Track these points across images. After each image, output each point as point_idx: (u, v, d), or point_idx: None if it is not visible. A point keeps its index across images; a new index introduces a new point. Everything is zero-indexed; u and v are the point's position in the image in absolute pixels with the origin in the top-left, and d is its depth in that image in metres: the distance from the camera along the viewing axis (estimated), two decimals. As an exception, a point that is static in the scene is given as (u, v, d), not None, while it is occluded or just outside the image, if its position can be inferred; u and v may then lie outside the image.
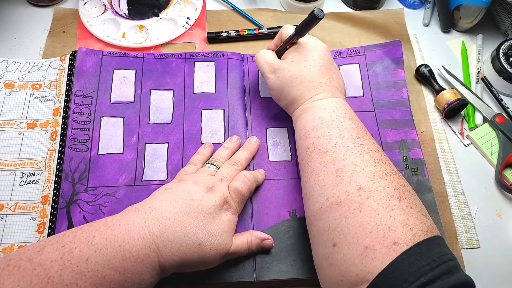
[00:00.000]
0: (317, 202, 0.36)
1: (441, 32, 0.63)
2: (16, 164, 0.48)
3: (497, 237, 0.48)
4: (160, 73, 0.54)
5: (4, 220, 0.44)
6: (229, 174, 0.43)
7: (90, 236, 0.33)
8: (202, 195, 0.39)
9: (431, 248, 0.30)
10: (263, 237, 0.43)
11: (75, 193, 0.45)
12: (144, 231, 0.34)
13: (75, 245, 0.32)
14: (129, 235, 0.34)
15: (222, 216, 0.39)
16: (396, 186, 0.34)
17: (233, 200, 0.41)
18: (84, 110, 0.50)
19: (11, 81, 0.53)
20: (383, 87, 0.55)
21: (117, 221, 0.35)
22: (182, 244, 0.35)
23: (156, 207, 0.37)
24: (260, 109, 0.53)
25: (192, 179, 0.41)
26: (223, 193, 0.40)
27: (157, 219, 0.35)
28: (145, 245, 0.34)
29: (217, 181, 0.42)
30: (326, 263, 0.34)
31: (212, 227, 0.38)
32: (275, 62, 0.46)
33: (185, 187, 0.39)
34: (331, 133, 0.38)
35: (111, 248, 0.33)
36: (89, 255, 0.32)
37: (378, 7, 0.64)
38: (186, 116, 0.51)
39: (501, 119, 0.53)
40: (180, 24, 0.60)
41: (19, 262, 0.31)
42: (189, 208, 0.37)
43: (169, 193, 0.39)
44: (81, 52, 0.54)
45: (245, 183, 0.43)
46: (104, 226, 0.34)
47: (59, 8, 0.61)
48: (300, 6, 0.62)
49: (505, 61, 0.55)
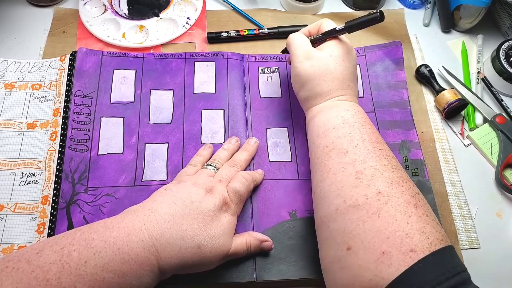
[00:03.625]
0: (332, 203, 0.36)
1: (441, 32, 0.63)
2: (16, 164, 0.48)
3: (497, 237, 0.48)
4: (160, 73, 0.54)
5: (4, 220, 0.44)
6: (228, 176, 0.43)
7: (89, 239, 0.33)
8: (202, 196, 0.39)
9: (446, 257, 0.30)
10: (262, 239, 0.43)
11: (75, 193, 0.45)
12: (144, 233, 0.34)
13: (74, 247, 0.32)
14: (128, 238, 0.33)
15: (222, 217, 0.39)
16: (412, 193, 0.34)
17: (232, 201, 0.41)
18: (84, 110, 0.50)
19: (11, 81, 0.53)
20: (384, 88, 0.55)
21: (116, 223, 0.35)
22: (182, 247, 0.35)
23: (156, 209, 0.37)
24: (260, 109, 0.53)
25: (191, 180, 0.41)
26: (222, 194, 0.40)
27: (156, 222, 0.35)
28: (144, 248, 0.34)
29: (216, 182, 0.42)
30: (338, 266, 0.34)
31: (211, 229, 0.37)
32: (312, 49, 0.44)
33: (184, 189, 0.39)
34: (353, 135, 0.38)
35: (110, 251, 0.32)
36: (88, 257, 0.32)
37: (379, 7, 0.64)
38: (186, 116, 0.51)
39: (501, 119, 0.53)
40: (180, 24, 0.60)
41: (17, 263, 0.31)
42: (188, 210, 0.37)
43: (169, 195, 0.39)
44: (81, 52, 0.54)
45: (243, 183, 0.43)
46: (103, 228, 0.34)
47: (59, 8, 0.61)
48: (300, 6, 0.62)
49: (506, 61, 0.55)
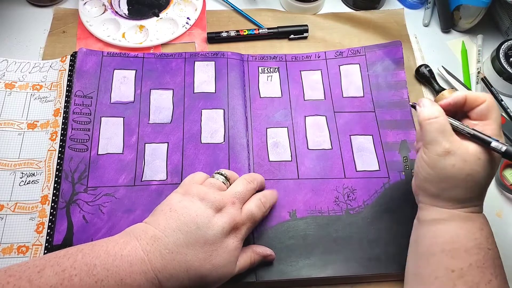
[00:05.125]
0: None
1: (441, 32, 0.63)
2: (16, 164, 0.48)
3: (497, 237, 0.47)
4: (160, 73, 0.54)
5: (4, 220, 0.44)
6: (244, 194, 0.39)
7: (91, 264, 0.32)
8: (209, 220, 0.36)
9: None
10: (265, 254, 0.42)
11: (75, 193, 0.45)
12: (146, 265, 0.33)
13: (75, 271, 0.31)
14: (131, 269, 0.33)
15: (229, 243, 0.37)
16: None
17: (244, 225, 0.38)
18: (84, 110, 0.50)
19: (12, 81, 0.53)
20: (383, 88, 0.55)
21: (119, 250, 0.33)
22: (184, 279, 0.34)
23: (159, 238, 0.34)
24: (260, 109, 0.53)
25: (199, 194, 0.38)
26: (233, 218, 0.37)
27: (159, 253, 0.34)
28: (147, 280, 0.33)
29: (228, 201, 0.38)
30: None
31: (217, 258, 0.36)
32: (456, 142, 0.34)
33: (190, 210, 0.36)
34: (486, 266, 0.33)
35: (112, 281, 0.32)
36: (90, 285, 0.31)
37: (378, 7, 0.64)
38: (186, 115, 0.51)
39: (501, 120, 0.53)
40: (180, 24, 0.60)
41: (18, 281, 0.30)
42: (194, 238, 0.35)
43: (174, 219, 0.36)
44: (81, 52, 0.54)
45: (259, 208, 0.40)
46: (105, 255, 0.33)
47: (59, 8, 0.61)
48: (300, 6, 0.62)
49: (505, 61, 0.55)
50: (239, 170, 0.47)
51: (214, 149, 0.49)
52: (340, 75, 0.55)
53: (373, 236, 0.45)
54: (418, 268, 0.37)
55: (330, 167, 0.49)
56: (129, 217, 0.45)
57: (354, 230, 0.45)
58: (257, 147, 0.50)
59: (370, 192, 0.48)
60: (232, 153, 0.49)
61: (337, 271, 0.43)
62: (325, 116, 0.52)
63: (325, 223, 0.45)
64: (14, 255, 0.43)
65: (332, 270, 0.43)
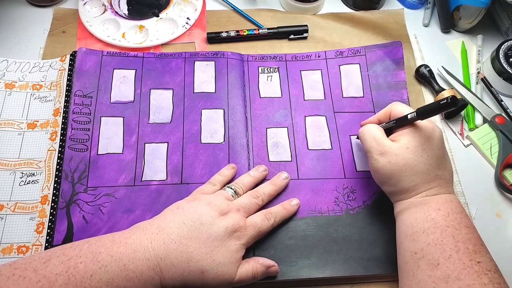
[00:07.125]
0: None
1: (441, 33, 0.63)
2: (16, 164, 0.47)
3: (497, 237, 0.48)
4: (160, 72, 0.54)
5: (4, 220, 0.44)
6: (247, 206, 0.41)
7: (96, 252, 0.33)
8: (213, 219, 0.38)
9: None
10: (268, 265, 0.41)
11: (75, 193, 0.45)
12: (150, 252, 0.34)
13: (81, 259, 0.33)
14: (134, 255, 0.34)
15: (231, 244, 0.38)
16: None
17: (248, 232, 0.40)
18: (84, 110, 0.50)
19: (12, 81, 0.53)
20: (383, 88, 0.55)
21: (124, 239, 0.35)
22: (185, 270, 0.35)
23: (164, 228, 0.36)
24: (260, 109, 0.53)
25: (207, 200, 0.40)
26: (237, 222, 0.39)
27: (163, 241, 0.35)
28: (149, 267, 0.34)
29: (233, 209, 0.40)
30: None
31: (218, 255, 0.37)
32: (386, 143, 0.40)
33: (196, 209, 0.38)
34: (445, 243, 0.35)
35: (115, 267, 0.33)
36: (94, 271, 0.32)
37: (378, 8, 0.64)
38: (186, 115, 0.51)
39: (501, 120, 0.53)
40: (180, 24, 0.60)
41: (24, 272, 0.31)
42: (197, 233, 0.36)
43: (179, 214, 0.38)
44: (81, 52, 0.54)
45: (263, 220, 0.41)
46: (110, 243, 0.34)
47: (59, 8, 0.61)
48: (300, 6, 0.62)
49: (505, 61, 0.55)
50: (239, 170, 0.47)
51: (214, 149, 0.49)
52: (340, 75, 0.55)
53: (373, 237, 0.45)
54: (398, 261, 0.39)
55: (330, 167, 0.49)
56: (129, 217, 0.45)
57: (354, 231, 0.45)
58: (257, 147, 0.50)
59: (370, 193, 0.48)
60: (232, 153, 0.49)
61: (336, 271, 0.43)
62: (325, 116, 0.52)
63: (325, 223, 0.45)
64: (14, 255, 0.43)
65: (331, 270, 0.43)
